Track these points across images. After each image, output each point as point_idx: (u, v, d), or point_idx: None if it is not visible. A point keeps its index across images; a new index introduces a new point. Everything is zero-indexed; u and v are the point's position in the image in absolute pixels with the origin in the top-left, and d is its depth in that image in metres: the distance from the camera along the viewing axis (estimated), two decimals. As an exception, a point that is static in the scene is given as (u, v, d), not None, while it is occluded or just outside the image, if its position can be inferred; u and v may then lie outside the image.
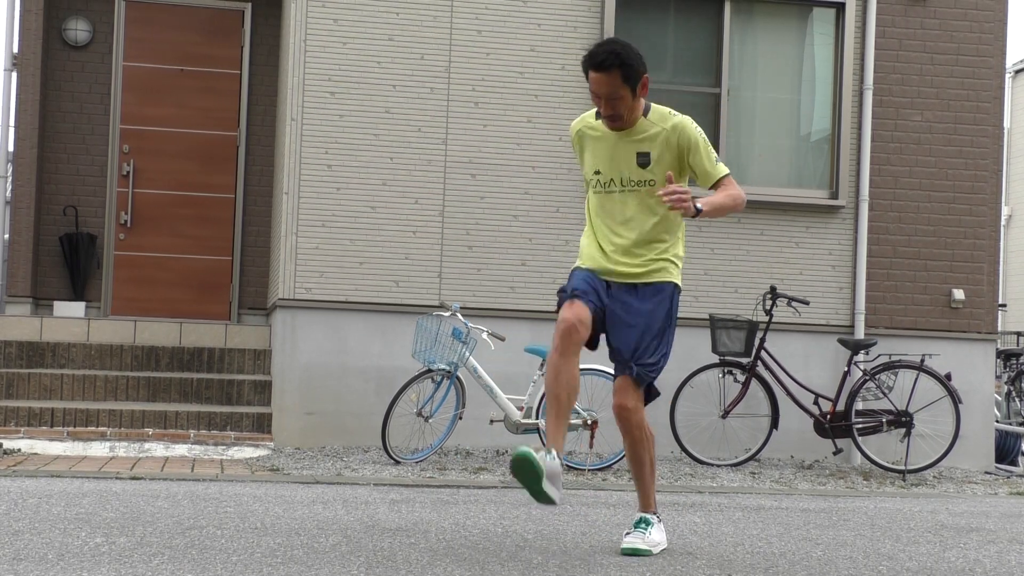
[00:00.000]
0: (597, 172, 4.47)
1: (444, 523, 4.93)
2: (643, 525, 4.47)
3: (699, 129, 4.42)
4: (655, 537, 4.46)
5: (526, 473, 4.03)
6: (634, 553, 4.36)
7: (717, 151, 8.75)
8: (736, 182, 4.44)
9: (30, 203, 9.44)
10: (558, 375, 4.24)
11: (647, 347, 4.39)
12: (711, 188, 4.41)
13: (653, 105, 4.47)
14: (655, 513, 4.55)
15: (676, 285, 4.48)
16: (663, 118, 4.40)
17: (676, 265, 4.49)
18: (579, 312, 4.27)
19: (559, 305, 4.38)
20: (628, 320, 4.40)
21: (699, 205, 4.17)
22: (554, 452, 4.13)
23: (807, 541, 4.93)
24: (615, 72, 4.27)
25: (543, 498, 4.09)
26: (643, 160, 4.38)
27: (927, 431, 8.28)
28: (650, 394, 4.51)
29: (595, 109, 4.48)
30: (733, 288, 8.79)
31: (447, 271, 8.45)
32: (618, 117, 4.37)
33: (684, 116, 4.43)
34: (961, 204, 9.07)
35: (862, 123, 8.95)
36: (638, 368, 4.38)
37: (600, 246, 4.47)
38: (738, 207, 4.39)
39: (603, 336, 4.49)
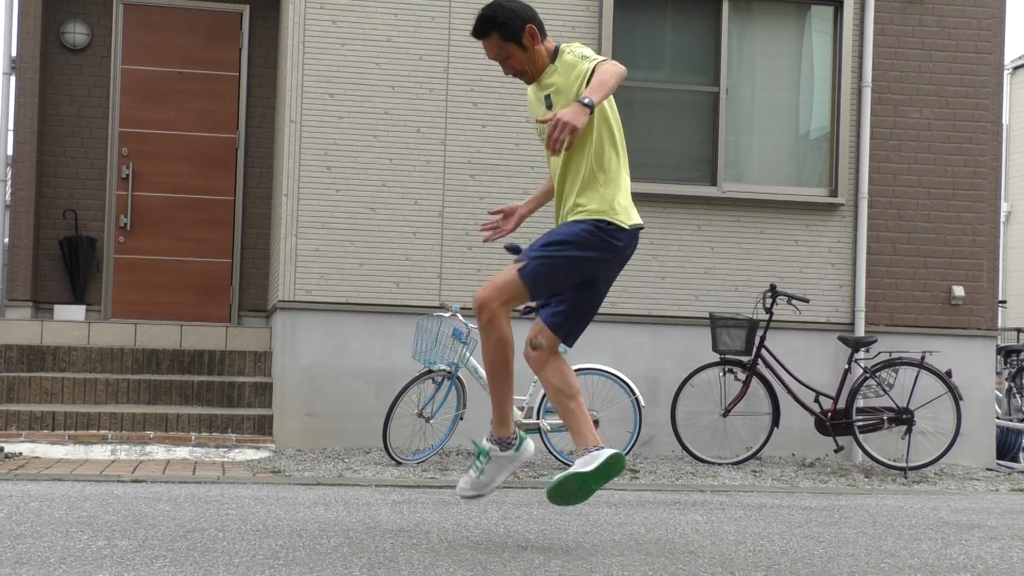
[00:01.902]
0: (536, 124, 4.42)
1: (446, 524, 4.93)
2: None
3: (580, 48, 4.28)
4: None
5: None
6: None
7: (716, 150, 8.83)
8: (618, 66, 4.11)
9: (29, 207, 9.44)
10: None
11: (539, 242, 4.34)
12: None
13: (563, 47, 4.33)
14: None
15: (596, 221, 4.26)
16: (560, 57, 4.29)
17: (601, 207, 4.27)
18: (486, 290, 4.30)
19: None
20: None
21: (585, 100, 3.96)
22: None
23: (809, 539, 4.93)
24: (494, 35, 4.26)
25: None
26: (548, 102, 4.34)
27: (928, 428, 8.29)
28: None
29: None
30: (733, 287, 8.79)
31: (447, 272, 8.45)
32: (521, 73, 4.36)
33: (572, 45, 4.31)
34: (960, 201, 9.07)
35: (861, 121, 8.96)
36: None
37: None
38: (619, 75, 4.08)
39: (583, 333, 4.46)
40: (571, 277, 4.31)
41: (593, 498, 6.15)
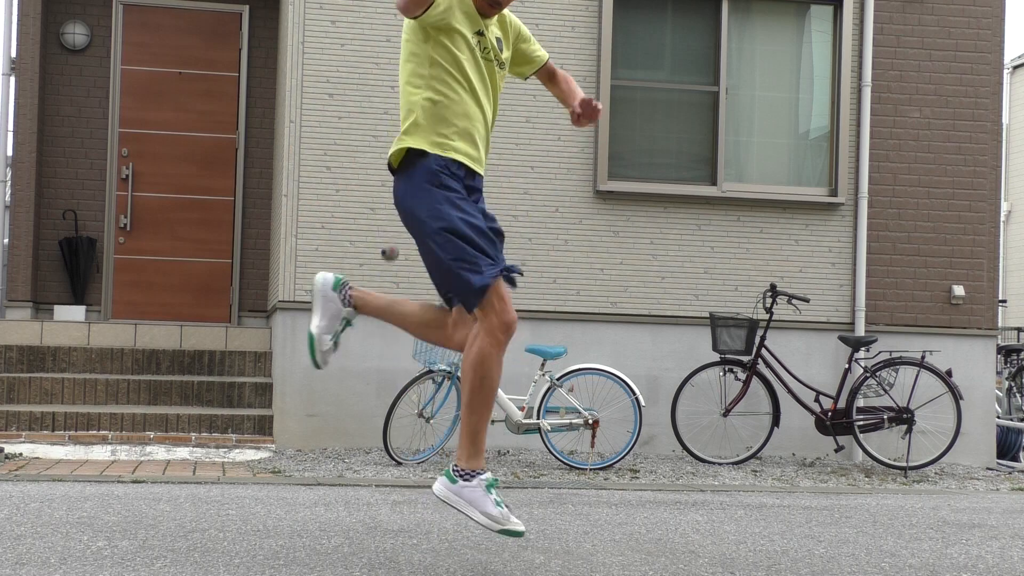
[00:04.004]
0: (480, 33, 3.99)
1: (446, 524, 4.93)
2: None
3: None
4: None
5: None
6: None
7: (716, 150, 8.83)
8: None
9: (29, 207, 9.44)
10: (495, 371, 3.89)
11: None
12: (540, 70, 4.32)
13: None
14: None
15: None
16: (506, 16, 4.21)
17: None
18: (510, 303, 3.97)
19: (483, 276, 3.98)
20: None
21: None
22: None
23: (809, 539, 4.93)
24: None
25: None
26: (501, 45, 4.14)
27: (928, 427, 8.29)
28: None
29: None
30: (733, 286, 8.79)
31: (447, 272, 8.44)
32: (504, 4, 4.01)
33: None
34: (960, 200, 9.07)
35: (861, 120, 8.96)
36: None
37: (473, 124, 4.15)
38: None
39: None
40: None
41: (593, 498, 6.16)
